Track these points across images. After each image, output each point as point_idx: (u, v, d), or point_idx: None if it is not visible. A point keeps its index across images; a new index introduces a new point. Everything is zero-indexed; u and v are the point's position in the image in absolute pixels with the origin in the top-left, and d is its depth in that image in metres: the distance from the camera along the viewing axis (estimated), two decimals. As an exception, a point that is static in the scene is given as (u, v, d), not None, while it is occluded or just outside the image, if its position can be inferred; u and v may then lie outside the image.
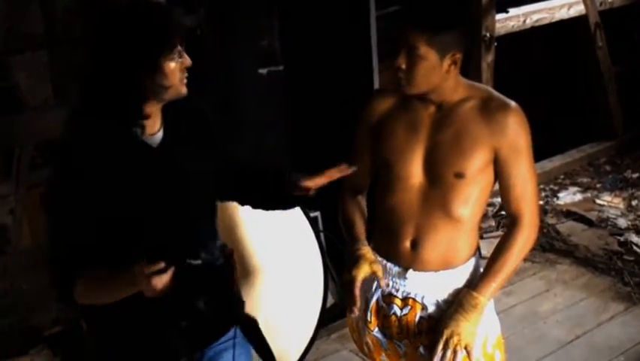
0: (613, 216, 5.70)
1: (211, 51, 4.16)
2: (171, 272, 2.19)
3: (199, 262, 2.33)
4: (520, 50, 6.37)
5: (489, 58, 5.72)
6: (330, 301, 4.41)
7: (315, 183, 2.73)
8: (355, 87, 4.38)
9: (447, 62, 2.55)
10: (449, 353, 2.56)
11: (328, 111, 4.48)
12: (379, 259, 2.76)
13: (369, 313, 2.82)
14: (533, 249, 3.19)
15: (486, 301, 2.60)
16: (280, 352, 3.89)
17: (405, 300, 2.74)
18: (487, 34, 5.64)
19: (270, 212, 2.91)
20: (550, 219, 5.66)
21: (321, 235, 4.35)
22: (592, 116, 6.75)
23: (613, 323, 4.50)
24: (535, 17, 6.18)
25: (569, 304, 4.67)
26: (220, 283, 2.53)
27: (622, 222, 5.62)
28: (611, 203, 5.88)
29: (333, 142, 4.49)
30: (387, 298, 2.78)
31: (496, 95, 2.67)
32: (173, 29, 2.33)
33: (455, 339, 2.56)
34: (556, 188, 6.20)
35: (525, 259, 3.77)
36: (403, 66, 2.53)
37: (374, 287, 2.80)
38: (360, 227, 2.89)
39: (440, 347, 2.56)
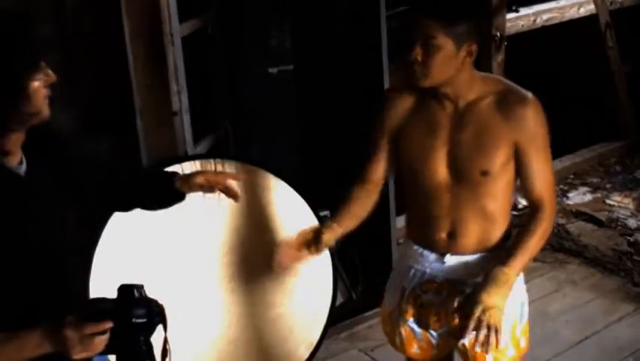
0: (623, 217, 5.69)
1: (221, 51, 4.17)
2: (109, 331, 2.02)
3: (143, 320, 2.09)
4: (529, 48, 6.37)
5: (499, 57, 5.71)
6: (340, 300, 4.42)
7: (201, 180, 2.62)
8: (365, 87, 4.39)
9: (463, 52, 2.56)
10: (483, 327, 2.53)
11: (338, 111, 4.48)
12: (415, 247, 2.84)
13: (404, 303, 2.88)
14: (543, 249, 3.22)
15: (515, 276, 2.62)
16: (289, 351, 3.91)
17: (443, 286, 2.81)
18: (498, 34, 5.64)
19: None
20: (560, 220, 5.65)
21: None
22: (602, 116, 6.74)
23: (622, 323, 4.49)
24: (545, 17, 6.16)
25: (578, 304, 4.66)
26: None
27: (632, 223, 5.61)
28: (620, 203, 5.87)
29: (342, 141, 4.51)
30: (425, 285, 2.85)
31: (512, 87, 2.69)
32: (36, 44, 2.09)
33: (487, 314, 2.53)
34: (566, 188, 6.19)
35: (535, 259, 3.78)
36: (420, 57, 2.55)
37: (411, 276, 2.88)
38: (348, 211, 2.98)
39: (473, 322, 2.53)
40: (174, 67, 3.60)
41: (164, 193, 2.61)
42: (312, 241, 2.86)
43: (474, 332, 2.55)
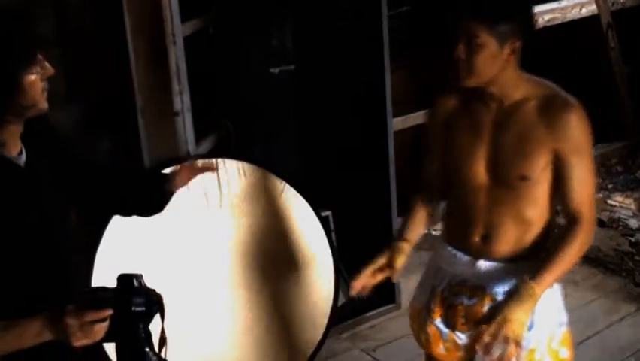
0: (624, 217, 5.69)
1: (222, 50, 4.17)
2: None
3: (142, 308, 2.15)
4: (530, 49, 6.36)
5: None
6: (341, 300, 4.41)
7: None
8: (367, 87, 4.39)
9: (506, 50, 2.55)
10: (499, 341, 2.52)
11: (340, 111, 4.48)
12: (449, 248, 2.86)
13: (433, 303, 2.89)
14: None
15: (540, 292, 2.59)
16: (291, 351, 3.91)
17: (474, 290, 2.80)
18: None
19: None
20: (562, 220, 5.64)
21: (332, 234, 4.36)
22: (603, 117, 6.73)
23: (624, 323, 4.49)
24: (547, 17, 6.16)
25: (579, 304, 4.65)
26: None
27: (633, 223, 5.61)
28: (622, 204, 5.87)
29: (344, 141, 4.51)
30: (456, 287, 2.85)
31: (557, 92, 2.66)
32: (31, 38, 2.10)
33: (507, 326, 2.51)
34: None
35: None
36: (463, 56, 2.54)
37: (440, 277, 2.89)
38: (413, 222, 2.97)
39: (491, 331, 2.52)
40: (176, 67, 3.60)
41: (156, 197, 2.64)
42: (385, 266, 2.89)
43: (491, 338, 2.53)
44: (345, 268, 4.49)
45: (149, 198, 2.63)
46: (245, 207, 3.76)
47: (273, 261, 3.85)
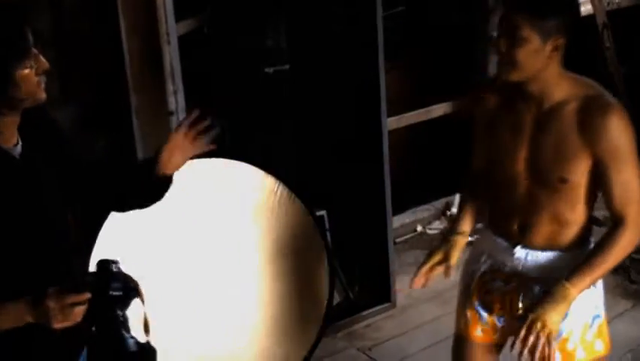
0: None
1: (217, 50, 4.18)
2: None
3: (120, 293, 2.21)
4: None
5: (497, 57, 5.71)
6: (337, 299, 4.42)
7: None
8: (361, 87, 4.40)
9: (549, 46, 2.54)
10: (532, 337, 2.55)
11: (334, 110, 4.49)
12: (489, 233, 2.89)
13: (473, 286, 2.94)
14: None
15: (576, 293, 2.60)
16: (288, 351, 3.91)
17: (510, 276, 2.83)
18: (495, 34, 5.64)
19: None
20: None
21: (327, 233, 4.37)
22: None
23: (620, 320, 4.49)
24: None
25: (576, 302, 4.65)
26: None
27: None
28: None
29: (338, 141, 4.52)
30: (494, 273, 2.88)
31: (598, 93, 2.64)
32: (26, 33, 2.10)
33: (539, 325, 2.55)
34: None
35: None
36: (504, 49, 2.55)
37: (481, 262, 2.93)
38: (464, 216, 3.02)
39: (524, 330, 2.56)
40: (170, 66, 3.61)
41: (150, 185, 2.58)
42: (443, 260, 2.96)
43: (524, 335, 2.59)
44: (341, 267, 4.51)
45: (144, 187, 2.59)
46: (237, 207, 3.76)
47: (267, 260, 3.85)
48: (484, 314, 2.93)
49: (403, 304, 4.72)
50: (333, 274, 4.16)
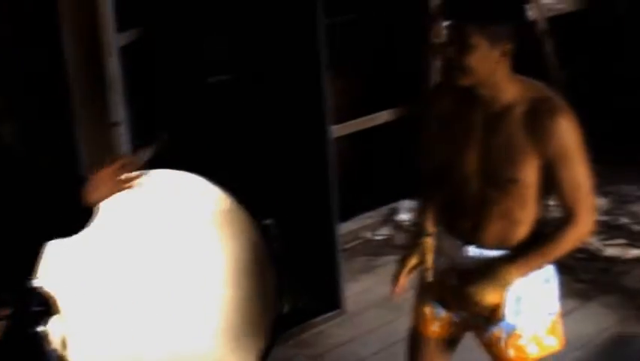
0: (564, 216, 5.75)
1: (160, 60, 4.16)
2: None
3: (39, 309, 2.24)
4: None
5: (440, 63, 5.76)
6: (286, 307, 4.41)
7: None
8: (305, 95, 4.40)
9: (497, 52, 2.58)
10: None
11: (278, 119, 4.49)
12: (443, 233, 2.94)
13: (428, 285, 3.00)
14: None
15: (516, 276, 2.71)
16: (237, 360, 3.89)
17: (463, 274, 2.85)
18: (437, 41, 5.68)
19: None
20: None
21: (275, 242, 4.35)
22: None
23: (569, 319, 4.46)
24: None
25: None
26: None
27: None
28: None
29: (283, 149, 4.53)
30: (449, 271, 2.92)
31: (547, 96, 2.69)
32: None
33: (479, 306, 2.71)
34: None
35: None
36: (455, 56, 2.59)
37: (440, 259, 2.97)
38: (427, 216, 3.04)
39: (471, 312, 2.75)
40: (113, 77, 3.58)
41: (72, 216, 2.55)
42: (418, 265, 3.02)
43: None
44: (289, 275, 4.50)
45: (65, 219, 2.55)
46: (182, 219, 3.75)
47: (214, 271, 3.83)
48: (441, 311, 2.97)
49: (352, 310, 4.72)
50: (282, 283, 4.15)
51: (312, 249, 4.67)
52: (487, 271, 2.72)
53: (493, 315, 2.78)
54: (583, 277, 5.02)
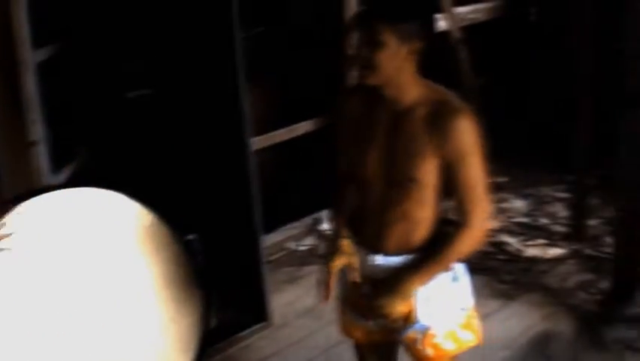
0: (484, 220, 5.84)
1: (79, 76, 4.12)
2: None
3: None
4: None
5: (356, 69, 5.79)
6: (213, 322, 4.39)
7: None
8: (224, 107, 4.40)
9: (406, 50, 2.65)
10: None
11: (199, 133, 4.48)
12: (353, 243, 2.95)
13: (347, 292, 3.04)
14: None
15: (418, 286, 2.78)
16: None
17: (372, 282, 2.89)
18: (353, 51, 5.72)
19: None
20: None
21: (199, 257, 4.33)
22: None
23: (492, 319, 4.60)
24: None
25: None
26: None
27: (493, 225, 5.78)
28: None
29: (205, 163, 4.51)
30: (362, 279, 2.94)
31: (448, 98, 2.75)
32: None
33: (384, 313, 2.77)
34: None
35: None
36: (364, 53, 2.64)
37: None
38: (339, 217, 3.06)
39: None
40: (30, 95, 3.53)
41: None
42: (343, 268, 3.02)
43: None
44: (215, 289, 4.48)
45: None
46: (110, 235, 3.71)
47: (139, 288, 3.80)
48: (358, 317, 3.01)
49: (279, 322, 4.72)
50: (207, 299, 4.13)
51: (237, 262, 4.67)
52: (392, 283, 2.78)
53: (406, 320, 2.85)
54: (505, 278, 5.11)
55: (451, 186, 2.75)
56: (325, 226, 5.58)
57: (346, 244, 2.99)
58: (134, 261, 3.75)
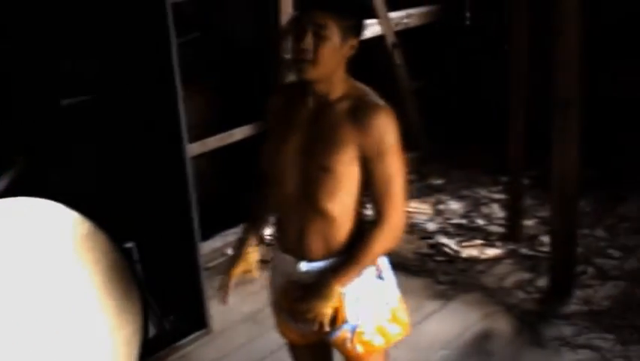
0: (421, 222, 5.91)
1: (14, 83, 4.06)
2: None
3: None
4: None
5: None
6: (152, 332, 4.37)
7: None
8: (161, 114, 4.37)
9: (347, 46, 2.71)
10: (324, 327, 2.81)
11: (136, 140, 4.44)
12: (278, 250, 2.97)
13: (278, 297, 3.04)
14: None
15: (341, 287, 2.79)
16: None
17: (300, 288, 2.88)
18: (287, 56, 5.74)
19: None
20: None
21: (137, 265, 4.31)
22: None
23: (431, 320, 4.65)
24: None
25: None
26: None
27: (431, 226, 5.84)
28: (418, 209, 6.08)
29: (143, 170, 4.47)
30: (291, 285, 2.94)
31: (367, 94, 2.78)
32: None
33: (311, 316, 2.78)
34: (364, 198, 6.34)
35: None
36: (310, 47, 2.65)
37: (278, 277, 3.01)
38: (251, 223, 3.11)
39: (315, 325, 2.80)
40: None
41: None
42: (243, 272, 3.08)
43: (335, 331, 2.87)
44: (154, 297, 4.45)
45: None
46: (49, 245, 3.67)
47: (78, 298, 3.77)
48: (292, 322, 3.01)
49: (218, 328, 4.70)
50: (146, 307, 4.11)
51: (175, 269, 4.63)
52: (316, 288, 2.80)
53: (334, 322, 2.86)
54: (443, 279, 5.16)
55: (368, 183, 2.77)
56: (265, 231, 5.57)
57: (250, 250, 3.04)
58: (71, 270, 3.72)
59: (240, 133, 5.50)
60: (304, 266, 2.88)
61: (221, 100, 5.67)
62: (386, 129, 2.71)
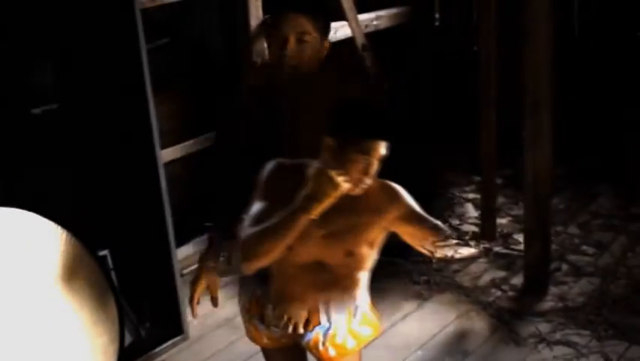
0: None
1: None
2: None
3: None
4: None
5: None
6: (128, 339, 4.35)
7: None
8: (132, 121, 4.35)
9: (323, 47, 2.86)
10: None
11: (108, 147, 4.42)
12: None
13: (249, 302, 3.02)
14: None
15: None
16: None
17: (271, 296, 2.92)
18: (257, 60, 5.74)
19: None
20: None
21: (112, 273, 4.30)
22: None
23: (407, 321, 4.66)
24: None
25: (361, 308, 4.78)
26: None
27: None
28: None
29: (116, 178, 4.46)
30: (261, 292, 2.95)
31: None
32: None
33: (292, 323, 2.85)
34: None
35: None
36: (294, 53, 2.79)
37: (248, 285, 3.02)
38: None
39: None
40: None
41: None
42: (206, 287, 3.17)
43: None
44: (130, 305, 4.44)
45: None
46: (23, 255, 3.65)
47: (53, 308, 3.75)
48: (262, 326, 3.00)
49: (195, 334, 4.69)
50: (122, 314, 4.10)
51: (152, 276, 4.62)
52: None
53: (307, 325, 2.88)
54: (418, 280, 5.17)
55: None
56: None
57: (210, 275, 3.16)
58: (45, 280, 3.70)
59: (213, 138, 5.49)
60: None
61: (194, 105, 5.65)
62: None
